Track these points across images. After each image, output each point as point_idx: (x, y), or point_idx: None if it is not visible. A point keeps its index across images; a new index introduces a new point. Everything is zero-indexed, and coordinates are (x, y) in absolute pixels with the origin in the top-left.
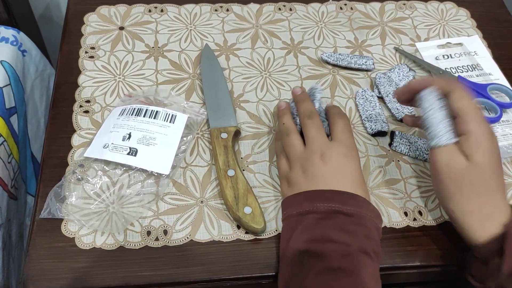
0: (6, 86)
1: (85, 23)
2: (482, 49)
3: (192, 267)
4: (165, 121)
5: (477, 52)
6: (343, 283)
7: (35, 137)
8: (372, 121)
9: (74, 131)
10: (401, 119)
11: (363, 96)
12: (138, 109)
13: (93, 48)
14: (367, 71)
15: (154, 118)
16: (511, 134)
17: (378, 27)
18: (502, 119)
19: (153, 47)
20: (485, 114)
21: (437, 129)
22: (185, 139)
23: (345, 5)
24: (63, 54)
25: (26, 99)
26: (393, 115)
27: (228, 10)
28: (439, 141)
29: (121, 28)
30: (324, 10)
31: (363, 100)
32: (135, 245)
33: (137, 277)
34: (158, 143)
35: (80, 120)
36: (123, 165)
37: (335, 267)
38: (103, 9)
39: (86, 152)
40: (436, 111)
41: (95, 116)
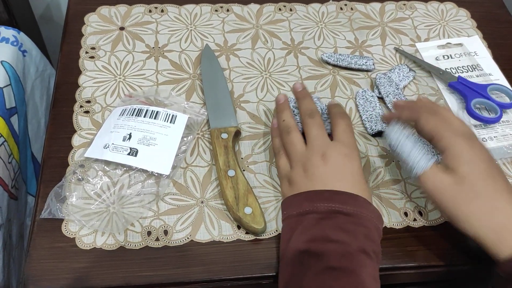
0: (6, 86)
1: (85, 23)
2: (482, 49)
3: (192, 268)
4: (165, 121)
5: (477, 52)
6: (342, 283)
7: (36, 137)
8: (372, 121)
9: (74, 132)
10: None
11: (363, 96)
12: (138, 109)
13: (93, 48)
14: (367, 71)
15: (154, 118)
16: (511, 134)
17: (378, 28)
18: (502, 120)
19: (153, 48)
20: (485, 114)
21: (411, 159)
22: (185, 139)
23: (345, 5)
24: (63, 54)
25: (26, 99)
26: None
27: (228, 10)
28: (417, 169)
29: (122, 28)
30: (324, 10)
31: (363, 100)
32: (135, 245)
33: (137, 277)
34: (158, 144)
35: (80, 120)
36: (123, 166)
37: (334, 267)
38: (104, 9)
39: (86, 152)
40: (404, 142)
41: (96, 116)
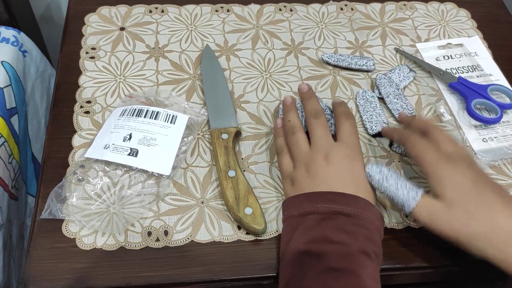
0: (7, 86)
1: (85, 24)
2: (482, 50)
3: (192, 268)
4: (165, 121)
5: (477, 53)
6: (343, 283)
7: (36, 138)
8: (372, 122)
9: (74, 132)
10: None
11: (363, 97)
12: (138, 109)
13: (93, 48)
14: (368, 71)
15: (154, 118)
16: (511, 135)
17: (378, 28)
18: (502, 120)
19: (153, 48)
20: (486, 115)
21: (399, 196)
22: (185, 139)
23: (346, 5)
24: (63, 54)
25: (26, 99)
26: (393, 116)
27: (228, 10)
28: (409, 205)
29: (122, 28)
30: (324, 10)
31: (363, 101)
32: (135, 246)
33: (137, 278)
34: (158, 144)
35: (80, 120)
36: (124, 166)
37: (335, 268)
38: (104, 10)
39: (87, 152)
40: (387, 181)
41: (96, 116)
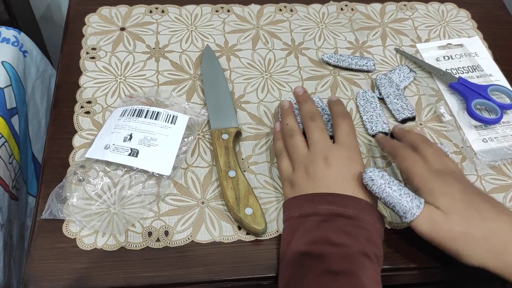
0: (7, 86)
1: (86, 24)
2: (482, 50)
3: (193, 268)
4: (166, 122)
5: (477, 53)
6: (342, 285)
7: (36, 138)
8: (372, 122)
9: (75, 132)
10: (402, 120)
11: (363, 97)
12: (139, 110)
13: (94, 49)
14: (368, 72)
15: (155, 119)
16: (511, 135)
17: (378, 28)
18: (502, 120)
19: (154, 48)
20: (486, 115)
21: (402, 204)
22: (186, 140)
23: (346, 6)
24: (64, 54)
25: (27, 99)
26: (393, 116)
27: (229, 11)
28: (413, 214)
29: (122, 29)
30: (324, 11)
31: (363, 101)
32: (136, 246)
33: (138, 278)
34: (159, 144)
35: (81, 121)
36: (124, 166)
37: (335, 269)
38: (104, 10)
39: (87, 153)
40: (390, 187)
41: (96, 117)
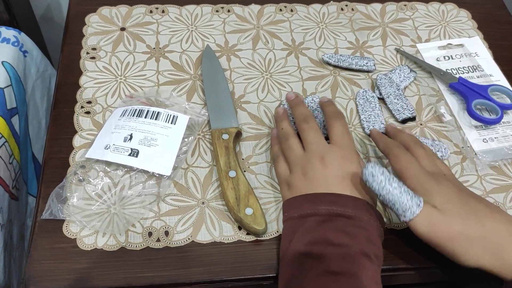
0: (7, 86)
1: (86, 24)
2: (483, 50)
3: (193, 268)
4: (166, 122)
5: (478, 53)
6: (342, 285)
7: (36, 138)
8: (370, 121)
9: (75, 132)
10: (403, 120)
11: (363, 96)
12: (139, 110)
13: (94, 49)
14: (368, 72)
15: (155, 119)
16: (511, 135)
17: (379, 28)
18: (502, 120)
19: (154, 48)
20: (486, 115)
21: (402, 202)
22: (186, 140)
23: (346, 6)
24: (64, 55)
25: (27, 99)
26: (394, 116)
27: (229, 11)
28: (412, 212)
29: (122, 29)
30: (325, 11)
31: (363, 100)
32: (136, 246)
33: (138, 278)
34: (159, 144)
35: (81, 121)
36: (124, 166)
37: (334, 270)
38: (104, 10)
39: (87, 153)
40: (391, 184)
41: (97, 117)
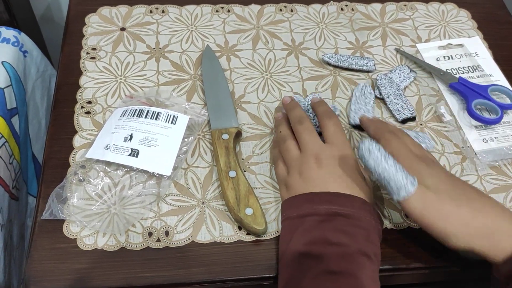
0: (7, 87)
1: (86, 24)
2: (482, 50)
3: (193, 268)
4: (166, 122)
5: (477, 53)
6: (341, 285)
7: (36, 138)
8: (357, 114)
9: (75, 132)
10: (403, 120)
11: (362, 90)
12: (139, 110)
13: (94, 49)
14: (368, 72)
15: (155, 119)
16: (511, 135)
17: (379, 28)
18: (502, 120)
19: (154, 48)
20: (486, 115)
21: (398, 179)
22: (186, 140)
23: (346, 6)
24: (64, 55)
25: (27, 99)
26: (394, 116)
27: (229, 11)
28: (407, 190)
29: (122, 29)
30: (325, 11)
31: (359, 93)
32: (136, 246)
33: (138, 278)
34: (159, 144)
35: (81, 121)
36: (124, 166)
37: (334, 269)
38: (104, 10)
39: (87, 153)
40: (386, 161)
41: (97, 117)
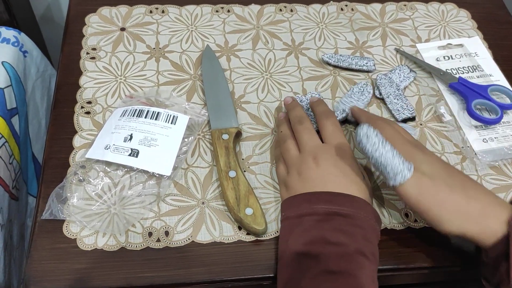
0: (7, 87)
1: (86, 24)
2: (482, 50)
3: (193, 268)
4: (166, 122)
5: (477, 53)
6: (340, 284)
7: (36, 138)
8: (346, 108)
9: (75, 132)
10: (402, 120)
11: (361, 88)
12: (139, 110)
13: (94, 49)
14: (368, 72)
15: (155, 119)
16: (511, 135)
17: (379, 28)
18: (502, 120)
19: (154, 48)
20: (486, 115)
21: (395, 164)
22: (186, 140)
23: (346, 6)
24: (64, 55)
25: (27, 99)
26: (394, 116)
27: (229, 11)
28: (404, 175)
29: (122, 29)
30: (325, 11)
31: (358, 90)
32: (136, 246)
33: (138, 278)
34: (159, 144)
35: (81, 121)
36: (124, 166)
37: (333, 269)
38: (104, 10)
39: (87, 153)
40: (384, 146)
41: (97, 117)
